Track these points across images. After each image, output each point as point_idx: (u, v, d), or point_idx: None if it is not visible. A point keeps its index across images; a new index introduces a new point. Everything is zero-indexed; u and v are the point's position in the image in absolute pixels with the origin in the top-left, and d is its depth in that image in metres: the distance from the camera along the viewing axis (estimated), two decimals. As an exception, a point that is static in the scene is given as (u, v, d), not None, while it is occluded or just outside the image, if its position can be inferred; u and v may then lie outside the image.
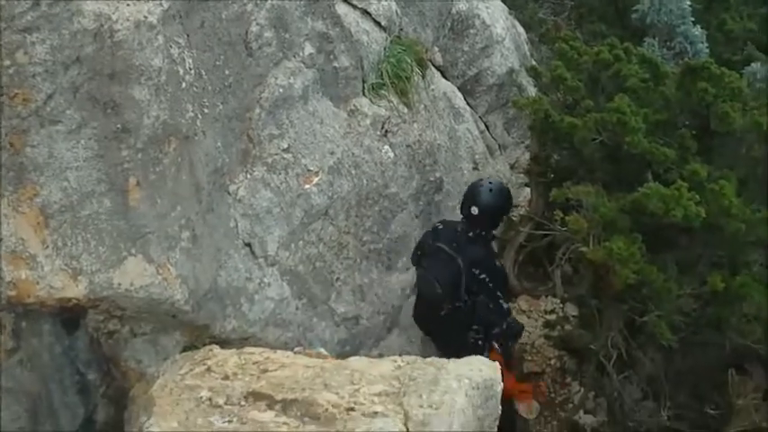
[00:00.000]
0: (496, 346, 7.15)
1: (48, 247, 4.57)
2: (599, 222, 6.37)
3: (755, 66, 8.75)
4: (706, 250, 6.82)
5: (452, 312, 7.00)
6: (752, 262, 6.91)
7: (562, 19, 14.15)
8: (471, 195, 7.25)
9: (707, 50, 10.38)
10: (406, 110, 7.82)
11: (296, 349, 5.28)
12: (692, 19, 10.58)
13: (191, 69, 5.20)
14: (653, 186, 6.25)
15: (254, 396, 4.31)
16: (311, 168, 6.61)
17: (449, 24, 9.87)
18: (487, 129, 9.84)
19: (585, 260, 6.47)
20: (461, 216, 7.30)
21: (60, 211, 4.55)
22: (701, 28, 10.77)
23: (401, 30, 8.36)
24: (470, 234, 7.11)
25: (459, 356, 5.21)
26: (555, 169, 8.18)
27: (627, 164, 6.96)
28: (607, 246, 6.14)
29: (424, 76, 8.51)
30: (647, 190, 6.22)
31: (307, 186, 6.53)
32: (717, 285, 6.34)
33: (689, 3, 10.69)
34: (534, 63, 10.69)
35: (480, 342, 7.11)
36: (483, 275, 6.95)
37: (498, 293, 7.00)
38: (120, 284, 4.82)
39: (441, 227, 7.39)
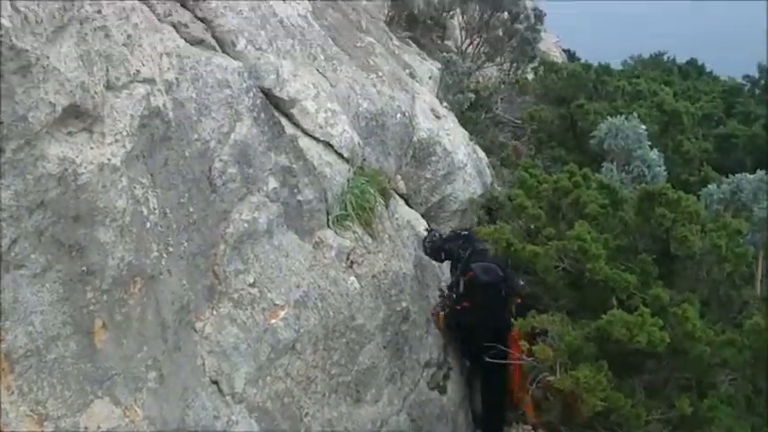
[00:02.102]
0: None
1: (13, 392, 4.48)
2: (565, 351, 6.39)
3: (712, 187, 8.90)
4: (673, 374, 6.85)
5: (510, 290, 7.99)
6: (718, 383, 6.93)
7: (522, 142, 14.42)
8: None
9: (664, 173, 10.57)
10: (370, 240, 7.88)
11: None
12: (649, 143, 10.79)
13: (155, 209, 5.22)
14: (616, 313, 6.30)
15: None
16: (277, 302, 6.60)
17: (411, 152, 10.02)
18: (453, 255, 9.90)
19: (553, 388, 6.47)
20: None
21: (26, 355, 4.48)
22: (658, 151, 10.97)
23: (364, 160, 8.47)
24: None
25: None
26: (520, 295, 8.22)
27: (590, 290, 7.03)
28: (574, 374, 6.15)
29: (387, 206, 8.60)
30: (610, 317, 6.28)
31: (273, 321, 6.51)
32: (685, 409, 6.36)
33: (644, 127, 10.91)
34: (496, 186, 10.84)
35: None
36: None
37: None
38: (86, 428, 4.72)
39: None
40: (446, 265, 9.36)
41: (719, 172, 12.11)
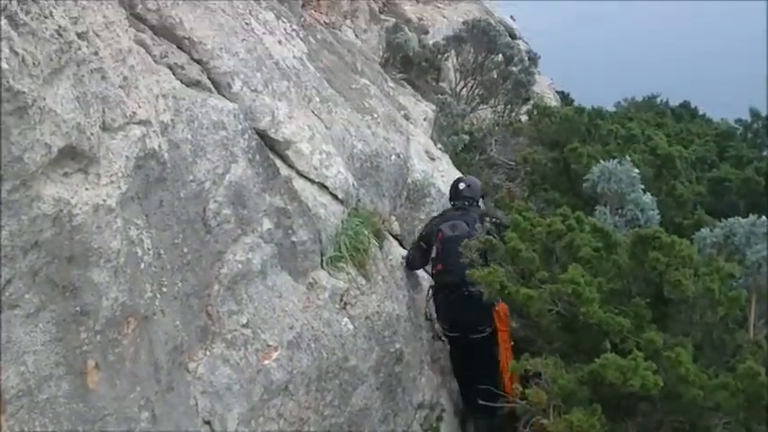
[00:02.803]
0: None
1: (4, 432, 4.49)
2: (558, 394, 6.38)
3: (705, 231, 8.91)
4: (666, 417, 6.83)
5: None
6: (712, 426, 6.90)
7: (516, 184, 14.46)
8: (456, 181, 9.75)
9: (658, 216, 10.58)
10: (364, 281, 7.90)
11: None
12: (642, 186, 10.81)
13: (149, 249, 5.23)
14: (610, 357, 6.29)
15: None
16: (271, 343, 6.61)
17: (405, 193, 10.07)
18: (446, 297, 9.90)
19: (547, 432, 6.45)
20: (453, 204, 9.46)
21: (17, 395, 4.46)
22: (652, 194, 11.00)
23: (358, 201, 8.51)
24: (468, 203, 9.32)
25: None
26: (513, 338, 8.24)
27: (584, 333, 7.01)
28: (567, 418, 6.14)
29: (381, 247, 8.62)
30: (604, 361, 6.26)
31: (266, 362, 6.52)
32: (679, 453, 6.34)
33: (638, 171, 10.94)
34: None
35: None
36: (495, 220, 9.03)
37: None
38: (77, 469, 4.72)
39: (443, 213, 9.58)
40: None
41: (713, 215, 12.16)
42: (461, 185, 9.53)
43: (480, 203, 9.58)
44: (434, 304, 9.11)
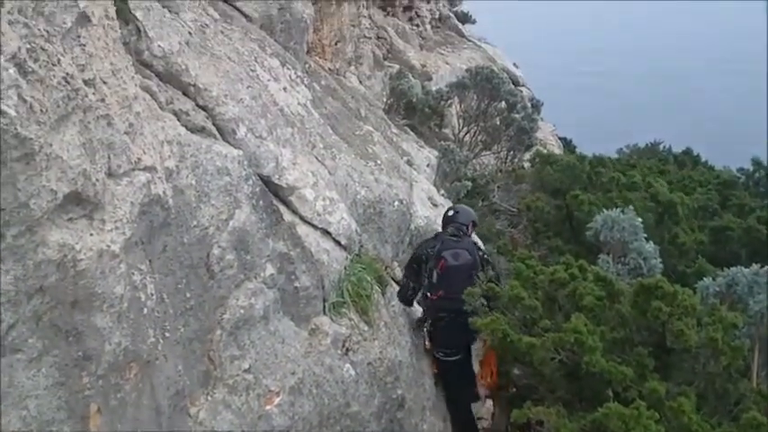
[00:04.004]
0: None
1: (4, 477, 4.47)
2: (561, 444, 6.36)
3: (707, 280, 8.91)
4: (670, 467, 6.78)
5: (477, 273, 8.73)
6: (717, 477, 6.87)
7: (519, 230, 14.49)
8: (447, 209, 9.88)
9: (660, 265, 10.58)
10: (366, 327, 7.88)
11: None
12: (645, 235, 10.82)
13: (152, 295, 5.23)
14: (612, 406, 6.27)
15: None
16: (272, 389, 6.59)
17: (408, 239, 10.06)
18: (449, 343, 9.87)
19: (549, 481, 6.43)
20: (444, 230, 9.38)
21: (18, 440, 4.47)
22: (654, 243, 11.01)
23: (361, 247, 8.51)
24: (462, 232, 9.21)
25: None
26: (516, 385, 8.21)
27: (587, 382, 7.00)
28: (570, 467, 6.12)
29: (384, 293, 8.61)
30: (606, 410, 6.24)
31: (268, 407, 6.49)
32: (683, 503, 6.29)
33: (641, 220, 10.96)
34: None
35: None
36: (485, 255, 9.33)
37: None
38: None
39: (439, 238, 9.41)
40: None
41: (715, 264, 12.17)
42: (451, 213, 9.61)
43: (471, 232, 9.60)
44: (430, 332, 9.10)
